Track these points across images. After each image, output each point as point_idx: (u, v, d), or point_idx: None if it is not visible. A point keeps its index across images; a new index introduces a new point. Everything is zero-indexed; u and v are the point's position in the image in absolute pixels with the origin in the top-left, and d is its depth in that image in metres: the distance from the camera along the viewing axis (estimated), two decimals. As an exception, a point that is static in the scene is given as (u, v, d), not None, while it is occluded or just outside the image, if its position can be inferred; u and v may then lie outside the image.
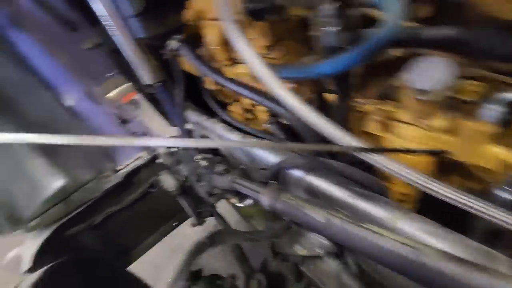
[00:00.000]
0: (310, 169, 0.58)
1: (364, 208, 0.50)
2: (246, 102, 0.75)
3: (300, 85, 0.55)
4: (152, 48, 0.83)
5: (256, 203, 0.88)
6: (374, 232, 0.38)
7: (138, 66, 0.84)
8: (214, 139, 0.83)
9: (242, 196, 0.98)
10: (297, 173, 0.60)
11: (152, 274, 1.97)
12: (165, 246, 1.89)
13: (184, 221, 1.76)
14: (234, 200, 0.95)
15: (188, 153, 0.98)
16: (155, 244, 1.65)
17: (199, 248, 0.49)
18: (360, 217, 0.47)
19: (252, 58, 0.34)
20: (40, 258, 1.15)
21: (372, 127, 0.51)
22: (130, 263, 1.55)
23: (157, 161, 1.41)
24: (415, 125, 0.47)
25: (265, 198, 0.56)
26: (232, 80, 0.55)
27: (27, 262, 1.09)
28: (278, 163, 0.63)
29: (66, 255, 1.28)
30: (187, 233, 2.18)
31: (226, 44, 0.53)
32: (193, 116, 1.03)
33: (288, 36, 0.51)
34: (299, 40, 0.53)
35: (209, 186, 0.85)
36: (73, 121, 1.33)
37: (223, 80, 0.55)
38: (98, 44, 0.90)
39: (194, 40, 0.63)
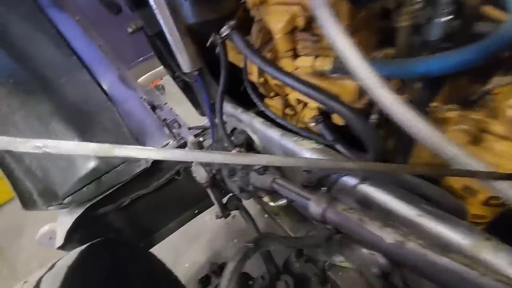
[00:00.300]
0: (367, 178, 0.52)
1: (437, 231, 0.43)
2: (292, 97, 0.70)
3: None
4: (195, 34, 0.79)
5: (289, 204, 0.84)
6: (465, 265, 0.33)
7: (180, 52, 0.80)
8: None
9: (275, 196, 0.94)
10: (350, 180, 0.55)
11: (172, 257, 2.04)
12: (185, 232, 1.93)
13: (205, 210, 1.78)
14: (266, 199, 0.91)
15: (221, 146, 0.95)
16: (176, 229, 1.68)
17: (246, 255, 0.47)
18: (430, 242, 0.41)
19: (347, 49, 0.29)
20: (71, 235, 1.20)
21: (456, 138, 0.44)
22: (152, 246, 1.59)
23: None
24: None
25: (315, 206, 0.52)
26: (287, 74, 0.49)
27: (60, 239, 1.14)
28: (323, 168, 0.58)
29: (95, 234, 1.34)
30: (206, 221, 2.23)
31: (292, 32, 0.48)
32: (228, 108, 1.00)
33: (363, 26, 0.44)
34: (372, 32, 0.46)
35: (243, 182, 0.82)
36: (106, 104, 1.34)
37: (277, 72, 0.50)
38: (140, 28, 0.87)
39: (244, 28, 0.58)
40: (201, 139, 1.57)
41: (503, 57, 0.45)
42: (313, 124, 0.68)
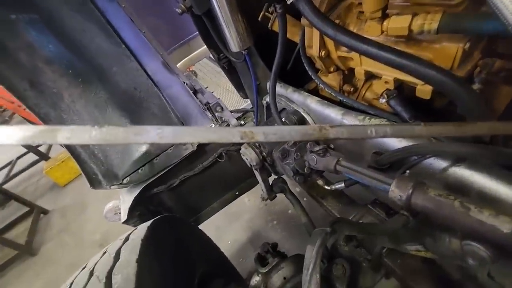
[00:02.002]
0: (462, 159, 0.45)
1: None
2: (359, 70, 0.63)
3: (471, 46, 0.40)
4: (245, 9, 0.74)
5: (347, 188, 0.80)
6: None
7: (229, 30, 0.77)
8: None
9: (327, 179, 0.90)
10: (438, 162, 0.48)
11: (214, 234, 2.17)
12: (225, 212, 2.02)
13: (245, 192, 1.82)
14: (321, 182, 0.88)
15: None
16: (219, 209, 1.76)
17: (324, 239, 0.45)
18: None
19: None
20: (132, 211, 1.33)
21: None
22: (199, 223, 1.69)
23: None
24: None
25: (397, 191, 0.47)
26: (370, 41, 0.43)
27: (124, 215, 1.26)
28: (408, 148, 0.52)
29: (151, 211, 1.46)
30: (245, 203, 2.30)
31: None
32: (277, 88, 0.95)
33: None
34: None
35: (298, 165, 0.79)
36: (153, 90, 1.39)
37: (356, 41, 0.43)
38: (189, 8, 0.85)
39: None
40: (242, 122, 1.57)
41: None
42: (383, 100, 0.61)
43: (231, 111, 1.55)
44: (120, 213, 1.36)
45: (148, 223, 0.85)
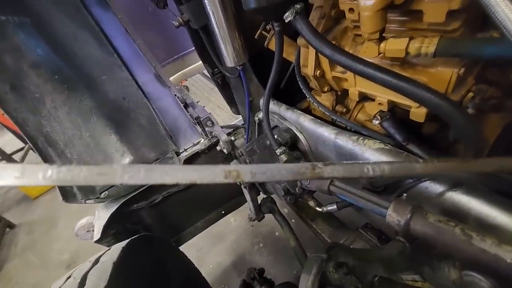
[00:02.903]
0: (459, 184, 0.44)
1: None
2: (353, 91, 0.63)
3: (465, 71, 0.41)
4: (242, 26, 0.75)
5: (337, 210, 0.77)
6: None
7: (226, 45, 0.77)
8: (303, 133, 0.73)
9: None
10: (435, 187, 0.47)
11: (196, 256, 2.03)
12: (209, 233, 1.91)
13: (231, 212, 1.75)
14: (312, 203, 0.85)
15: (263, 144, 0.90)
16: (203, 229, 1.67)
17: (321, 267, 0.41)
18: None
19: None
20: (107, 229, 1.22)
21: None
22: (180, 244, 1.58)
23: (218, 148, 1.38)
24: None
25: (395, 215, 0.44)
26: (367, 62, 0.43)
27: (98, 233, 1.15)
28: (402, 170, 0.50)
29: (128, 230, 1.35)
30: (230, 223, 2.20)
31: (384, 9, 0.41)
32: (270, 105, 0.94)
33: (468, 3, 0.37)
34: (475, 11, 0.39)
35: (290, 184, 0.76)
36: (142, 101, 1.35)
37: (353, 61, 0.43)
38: (186, 21, 0.86)
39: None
40: (232, 138, 1.55)
41: None
42: (377, 121, 0.61)
43: (221, 127, 1.53)
44: (93, 230, 1.25)
45: (123, 243, 0.77)
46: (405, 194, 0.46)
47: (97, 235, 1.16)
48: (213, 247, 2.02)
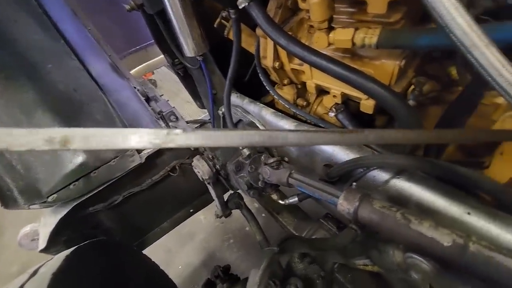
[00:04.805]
0: (402, 171, 0.46)
1: (488, 230, 0.38)
2: (311, 84, 0.64)
3: (406, 63, 0.43)
4: (201, 12, 0.71)
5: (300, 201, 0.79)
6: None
7: (183, 33, 0.72)
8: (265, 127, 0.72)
9: (283, 193, 0.88)
10: (381, 175, 0.49)
11: (164, 259, 1.95)
12: (178, 232, 1.84)
13: (200, 209, 1.70)
14: (275, 197, 0.85)
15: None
16: (170, 229, 1.59)
17: (272, 260, 0.40)
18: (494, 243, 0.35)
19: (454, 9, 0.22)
20: (56, 236, 1.09)
21: (509, 125, 0.39)
22: (145, 247, 1.49)
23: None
24: None
25: (345, 203, 0.46)
26: (318, 52, 0.43)
27: (43, 241, 1.03)
28: (354, 160, 0.52)
29: (83, 235, 1.23)
30: (200, 221, 2.14)
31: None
32: (233, 98, 0.92)
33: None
34: (415, 4, 0.41)
35: (252, 178, 0.75)
36: (97, 94, 1.23)
37: (306, 51, 0.43)
38: (140, 5, 0.79)
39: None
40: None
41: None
42: (332, 114, 0.62)
43: (188, 122, 1.46)
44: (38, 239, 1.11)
45: (68, 251, 0.69)
46: (354, 183, 0.47)
47: (42, 244, 1.03)
48: (182, 247, 1.95)
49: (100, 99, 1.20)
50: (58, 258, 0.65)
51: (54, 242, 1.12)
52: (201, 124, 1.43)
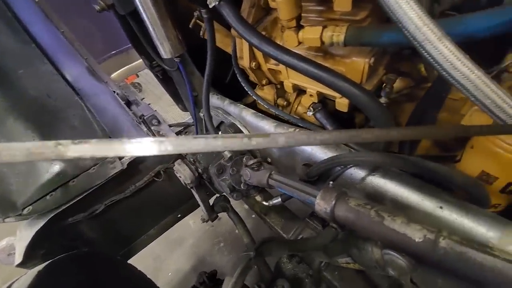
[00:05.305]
0: (377, 168, 0.46)
1: (460, 223, 0.39)
2: (288, 83, 0.63)
3: (375, 61, 0.43)
4: (176, 12, 0.69)
5: (284, 202, 0.78)
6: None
7: (158, 35, 0.70)
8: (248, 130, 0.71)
9: (268, 195, 0.87)
10: (358, 172, 0.49)
11: (153, 266, 1.90)
12: (166, 238, 1.80)
13: (188, 214, 1.66)
14: (259, 198, 0.84)
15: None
16: (157, 236, 1.55)
17: (248, 266, 0.39)
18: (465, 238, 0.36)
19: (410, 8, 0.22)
20: (33, 250, 1.04)
21: (477, 119, 0.40)
22: (130, 256, 1.45)
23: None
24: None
25: (322, 203, 0.45)
26: (289, 51, 0.42)
27: (20, 255, 0.97)
28: (331, 158, 0.52)
29: (63, 248, 1.17)
30: (189, 225, 2.10)
31: None
32: (213, 100, 0.91)
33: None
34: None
35: (234, 181, 0.74)
36: (73, 99, 1.18)
37: (277, 50, 0.43)
38: (110, 5, 0.76)
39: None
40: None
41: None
42: (310, 113, 0.62)
43: (171, 125, 1.43)
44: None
45: (41, 266, 0.65)
46: (331, 182, 0.47)
47: (18, 258, 0.98)
48: (171, 253, 1.90)
49: (77, 104, 1.15)
50: (30, 274, 0.61)
51: (31, 256, 1.06)
52: (185, 127, 1.40)
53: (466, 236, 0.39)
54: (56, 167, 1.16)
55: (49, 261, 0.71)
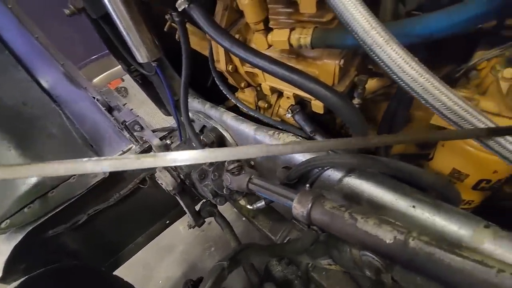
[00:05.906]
0: (353, 170, 0.46)
1: (433, 222, 0.39)
2: (265, 86, 0.62)
3: (345, 62, 0.43)
4: (150, 18, 0.67)
5: (267, 204, 0.77)
6: (479, 262, 0.28)
7: (132, 39, 0.68)
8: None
9: (252, 198, 0.86)
10: (335, 174, 0.49)
11: (142, 274, 1.85)
12: (156, 245, 1.76)
13: (177, 220, 1.63)
14: (243, 202, 0.83)
15: (190, 146, 0.84)
16: (146, 244, 1.51)
17: (221, 275, 0.38)
18: (434, 238, 0.36)
19: (358, 12, 0.21)
20: (13, 265, 0.99)
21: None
22: (118, 266, 1.40)
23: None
24: (507, 117, 0.36)
25: (299, 206, 0.44)
26: (259, 54, 0.42)
27: (-2, 271, 0.92)
28: (307, 160, 0.51)
29: (45, 261, 1.13)
30: (179, 231, 2.07)
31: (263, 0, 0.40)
32: (194, 104, 0.89)
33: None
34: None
35: (216, 186, 0.72)
36: (50, 107, 1.14)
37: (247, 53, 0.42)
38: (81, 9, 0.73)
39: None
40: (168, 141, 1.43)
41: (483, 31, 0.43)
42: (289, 115, 0.62)
43: (154, 130, 1.40)
44: (-7, 269, 1.00)
45: (16, 283, 0.62)
46: (308, 185, 0.46)
47: (-4, 274, 0.93)
48: (161, 260, 1.86)
49: (54, 112, 1.11)
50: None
51: (11, 271, 1.02)
52: (169, 132, 1.38)
53: (438, 235, 0.39)
54: (33, 179, 1.11)
55: (26, 276, 0.67)
